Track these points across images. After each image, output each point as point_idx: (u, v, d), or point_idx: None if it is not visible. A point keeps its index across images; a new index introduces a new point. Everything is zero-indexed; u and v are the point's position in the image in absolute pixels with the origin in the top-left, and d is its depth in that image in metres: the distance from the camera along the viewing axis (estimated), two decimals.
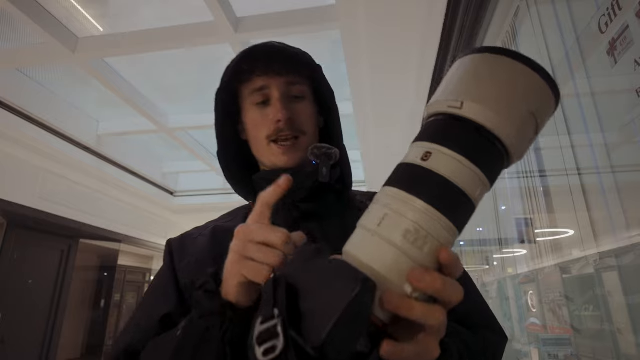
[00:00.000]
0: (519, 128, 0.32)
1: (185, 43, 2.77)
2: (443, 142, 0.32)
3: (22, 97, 3.49)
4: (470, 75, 0.34)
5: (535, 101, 0.32)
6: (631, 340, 1.47)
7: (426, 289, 0.30)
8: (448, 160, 0.32)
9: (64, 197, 4.43)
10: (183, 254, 0.60)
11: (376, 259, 0.31)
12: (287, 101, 0.61)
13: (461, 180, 0.31)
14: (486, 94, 0.32)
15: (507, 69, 0.33)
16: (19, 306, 4.17)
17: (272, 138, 0.60)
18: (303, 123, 0.61)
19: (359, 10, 2.01)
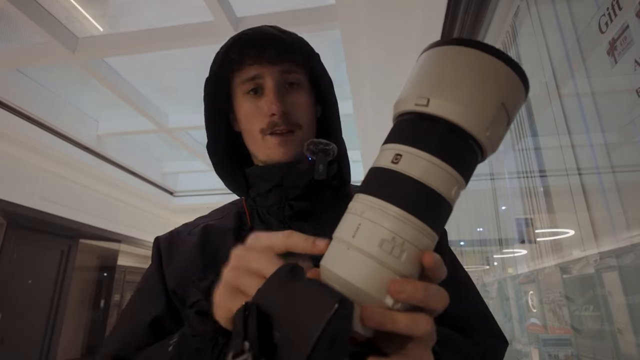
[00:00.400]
0: (490, 121, 0.30)
1: (185, 43, 2.77)
2: (412, 143, 0.31)
3: (22, 97, 3.49)
4: (435, 70, 0.32)
5: (504, 91, 0.31)
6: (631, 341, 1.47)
7: (408, 299, 0.29)
8: (419, 162, 0.30)
9: (63, 197, 4.43)
10: (171, 255, 0.57)
11: (353, 273, 0.30)
12: (281, 91, 0.57)
13: (434, 181, 0.30)
14: (452, 89, 0.30)
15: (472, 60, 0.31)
16: (18, 306, 4.17)
17: (266, 132, 0.57)
18: (299, 116, 0.58)
19: (359, 10, 2.01)
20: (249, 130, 0.58)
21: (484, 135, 0.30)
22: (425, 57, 0.34)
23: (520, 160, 2.13)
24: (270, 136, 0.56)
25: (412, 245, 0.30)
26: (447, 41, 0.32)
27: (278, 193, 0.56)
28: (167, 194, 5.95)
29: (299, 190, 0.56)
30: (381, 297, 0.29)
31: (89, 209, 4.80)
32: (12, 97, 3.40)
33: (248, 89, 0.57)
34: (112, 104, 3.90)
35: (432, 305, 0.30)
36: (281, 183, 0.55)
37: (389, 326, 0.29)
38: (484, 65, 0.31)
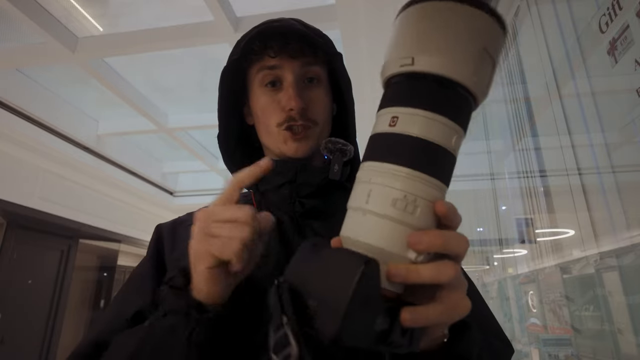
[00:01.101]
0: (475, 67, 0.31)
1: (185, 43, 2.77)
2: (406, 103, 0.32)
3: (21, 97, 3.49)
4: (414, 28, 0.33)
5: (484, 36, 0.32)
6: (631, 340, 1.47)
7: (428, 248, 0.30)
8: (415, 119, 0.31)
9: (63, 197, 4.43)
10: (175, 243, 0.56)
11: (373, 236, 0.31)
12: (300, 86, 0.56)
13: (434, 135, 0.31)
14: (434, 42, 0.31)
15: (447, 12, 0.32)
16: (18, 306, 4.17)
17: (282, 126, 0.55)
18: (316, 112, 0.57)
19: (359, 10, 2.01)
20: (265, 123, 0.57)
21: (472, 81, 0.31)
22: (401, 18, 0.34)
23: (520, 160, 2.13)
24: (286, 131, 0.55)
25: (424, 199, 0.31)
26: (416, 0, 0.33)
27: (289, 189, 0.55)
28: (166, 194, 5.95)
29: (312, 188, 0.55)
30: (403, 253, 0.31)
31: (89, 209, 4.80)
32: (11, 97, 3.40)
33: (266, 80, 0.56)
34: (112, 104, 3.90)
35: (453, 249, 0.31)
36: (294, 179, 0.55)
37: (414, 278, 0.30)
38: (459, 15, 0.31)
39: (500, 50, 0.33)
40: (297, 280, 0.31)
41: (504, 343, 0.55)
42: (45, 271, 4.61)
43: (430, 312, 0.31)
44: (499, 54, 0.33)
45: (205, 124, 4.11)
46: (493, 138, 2.63)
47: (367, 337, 0.29)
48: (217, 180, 5.75)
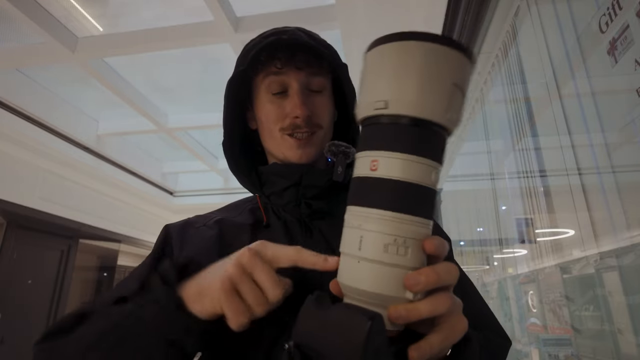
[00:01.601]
0: (448, 104, 0.32)
1: (185, 43, 2.77)
2: (384, 147, 0.33)
3: (21, 97, 3.48)
4: (384, 68, 0.33)
5: (453, 72, 0.32)
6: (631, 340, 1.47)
7: (425, 287, 0.32)
8: (394, 163, 0.32)
9: (63, 197, 4.43)
10: (184, 243, 0.55)
11: (371, 283, 0.32)
12: (305, 94, 0.57)
13: (413, 176, 0.32)
14: (405, 84, 0.32)
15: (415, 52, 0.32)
16: (18, 306, 4.17)
17: (287, 132, 0.57)
18: (320, 117, 0.59)
19: (359, 10, 2.01)
20: (269, 129, 0.59)
21: (446, 118, 0.32)
22: (371, 57, 0.35)
23: (520, 160, 2.13)
24: (290, 137, 0.57)
25: (413, 239, 0.32)
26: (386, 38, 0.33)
27: (295, 191, 0.57)
28: (166, 194, 5.95)
29: (317, 190, 0.57)
30: (401, 294, 0.32)
31: (89, 209, 4.80)
32: (11, 97, 3.40)
33: (272, 88, 0.58)
34: (112, 104, 3.89)
35: (447, 281, 0.33)
36: (300, 182, 0.56)
37: (415, 317, 0.32)
38: (427, 54, 0.32)
39: (469, 80, 0.34)
40: (306, 341, 0.32)
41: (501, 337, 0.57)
42: (45, 271, 4.61)
43: (434, 342, 0.33)
44: (468, 84, 0.34)
45: (205, 124, 4.11)
46: (493, 138, 2.63)
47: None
48: (217, 180, 5.75)
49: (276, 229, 0.56)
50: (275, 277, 0.38)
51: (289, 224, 0.57)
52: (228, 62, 3.21)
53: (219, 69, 3.44)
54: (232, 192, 5.73)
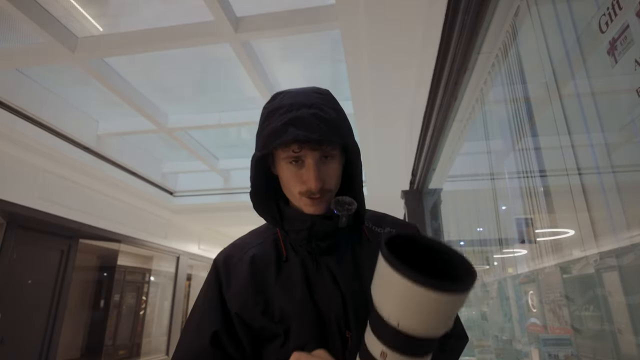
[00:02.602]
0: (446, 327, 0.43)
1: (185, 43, 2.77)
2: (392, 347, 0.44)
3: (22, 97, 3.49)
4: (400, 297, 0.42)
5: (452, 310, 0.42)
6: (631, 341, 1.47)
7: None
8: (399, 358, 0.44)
9: (63, 197, 4.43)
10: (229, 281, 0.71)
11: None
12: (318, 164, 0.67)
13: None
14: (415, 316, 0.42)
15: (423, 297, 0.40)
16: (18, 306, 4.17)
17: (304, 195, 0.69)
18: (331, 183, 0.70)
19: (359, 10, 2.01)
20: (289, 190, 0.71)
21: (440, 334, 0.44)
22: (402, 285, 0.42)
23: (520, 160, 2.13)
24: (306, 198, 0.69)
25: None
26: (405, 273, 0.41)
27: (308, 233, 0.70)
28: (166, 194, 5.95)
29: (325, 234, 0.70)
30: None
31: (89, 209, 4.80)
32: (11, 97, 3.40)
33: (290, 160, 0.68)
34: (112, 104, 3.90)
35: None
36: (312, 227, 0.69)
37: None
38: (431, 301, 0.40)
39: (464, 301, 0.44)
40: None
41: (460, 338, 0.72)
42: (45, 271, 4.61)
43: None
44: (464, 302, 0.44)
45: (205, 124, 4.11)
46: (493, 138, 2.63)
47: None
48: (217, 180, 5.75)
49: (294, 263, 0.71)
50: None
51: (304, 258, 0.71)
52: (228, 62, 3.21)
53: (219, 69, 3.44)
54: (232, 192, 5.73)
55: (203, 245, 8.03)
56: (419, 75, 2.38)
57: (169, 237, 6.77)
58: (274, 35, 2.77)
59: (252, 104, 3.88)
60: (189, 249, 7.50)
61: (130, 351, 7.57)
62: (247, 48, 2.88)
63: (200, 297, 0.72)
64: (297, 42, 3.10)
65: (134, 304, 7.94)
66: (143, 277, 8.18)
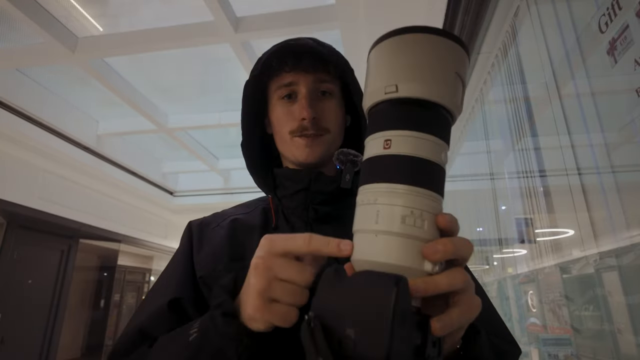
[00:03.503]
0: (451, 89, 0.35)
1: (185, 43, 2.77)
2: (396, 126, 0.35)
3: (22, 97, 3.49)
4: (393, 59, 0.36)
5: (455, 62, 0.35)
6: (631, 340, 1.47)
7: (444, 257, 0.32)
8: (407, 140, 0.34)
9: (64, 197, 4.43)
10: (201, 243, 0.61)
11: (389, 254, 0.32)
12: (314, 98, 0.61)
13: (425, 152, 0.34)
14: (414, 70, 0.35)
15: (422, 42, 0.35)
16: (18, 306, 4.17)
17: (295, 134, 0.61)
18: (328, 121, 0.61)
19: (359, 10, 2.01)
20: (280, 132, 0.62)
21: (450, 102, 0.35)
22: (377, 50, 0.37)
23: (520, 160, 2.13)
24: (299, 137, 0.60)
25: (428, 212, 0.33)
26: (392, 33, 0.36)
27: (304, 196, 0.60)
28: (167, 193, 5.95)
29: (324, 196, 0.60)
30: (420, 266, 0.32)
31: (89, 209, 4.80)
32: (12, 97, 3.40)
33: (283, 94, 0.62)
34: (112, 104, 3.90)
35: (463, 253, 0.34)
36: (308, 187, 0.60)
37: (433, 290, 0.32)
38: (433, 45, 0.35)
39: (467, 72, 0.37)
40: (327, 312, 0.31)
41: (510, 344, 0.57)
42: (45, 271, 4.61)
43: (454, 316, 0.33)
44: (466, 76, 0.38)
45: (205, 123, 4.11)
46: (493, 138, 2.63)
47: (408, 354, 0.29)
48: (217, 180, 5.74)
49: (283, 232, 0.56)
50: (295, 266, 0.37)
51: (297, 228, 0.60)
52: (228, 62, 3.21)
53: (219, 69, 3.44)
54: (232, 192, 5.73)
55: None
56: None
57: (169, 237, 6.77)
58: (274, 35, 2.77)
59: None
60: None
61: None
62: (247, 48, 2.88)
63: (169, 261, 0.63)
64: None
65: (134, 304, 7.94)
66: (143, 277, 8.18)
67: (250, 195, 0.75)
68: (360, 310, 0.30)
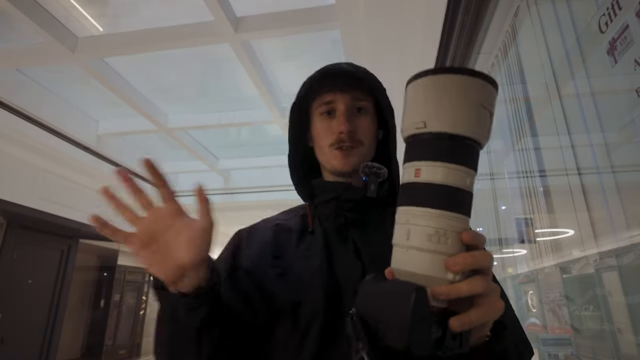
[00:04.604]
0: (476, 121, 0.40)
1: (185, 43, 2.77)
2: (425, 157, 0.41)
3: (22, 97, 3.49)
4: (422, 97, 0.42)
5: (479, 96, 0.40)
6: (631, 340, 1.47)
7: (463, 268, 0.39)
8: (434, 170, 0.40)
9: (63, 197, 4.43)
10: (250, 244, 0.71)
11: (418, 266, 0.40)
12: (350, 114, 0.69)
13: (451, 180, 0.40)
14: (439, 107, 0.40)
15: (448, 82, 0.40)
16: (18, 306, 4.17)
17: (334, 146, 0.69)
18: (362, 134, 0.69)
19: (359, 10, 2.01)
20: (320, 144, 0.71)
21: (475, 133, 0.40)
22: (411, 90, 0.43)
23: (520, 160, 2.13)
24: (336, 149, 0.69)
25: (452, 231, 0.40)
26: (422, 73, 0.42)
27: (335, 204, 0.69)
28: None
29: (352, 204, 0.68)
30: (443, 275, 0.39)
31: (89, 209, 4.79)
32: (12, 97, 3.40)
33: (323, 111, 0.70)
34: (112, 104, 3.90)
35: (481, 264, 0.40)
36: (339, 196, 0.68)
37: (455, 294, 0.39)
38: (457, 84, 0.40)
39: (494, 102, 0.42)
40: (366, 309, 0.41)
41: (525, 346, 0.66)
42: (45, 271, 4.61)
43: (472, 316, 0.40)
44: (493, 104, 0.42)
45: (205, 124, 4.11)
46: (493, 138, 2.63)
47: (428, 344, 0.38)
48: (217, 180, 5.74)
49: (317, 235, 0.69)
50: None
51: (329, 232, 0.69)
52: (228, 62, 3.21)
53: (219, 69, 3.44)
54: (232, 192, 5.73)
55: None
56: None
57: None
58: (274, 35, 2.77)
59: (252, 104, 3.88)
60: None
61: (130, 351, 7.57)
62: (247, 48, 2.88)
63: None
64: (297, 42, 3.10)
65: (134, 304, 7.95)
66: (143, 277, 8.18)
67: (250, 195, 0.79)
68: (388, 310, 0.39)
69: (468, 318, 0.39)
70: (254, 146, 5.21)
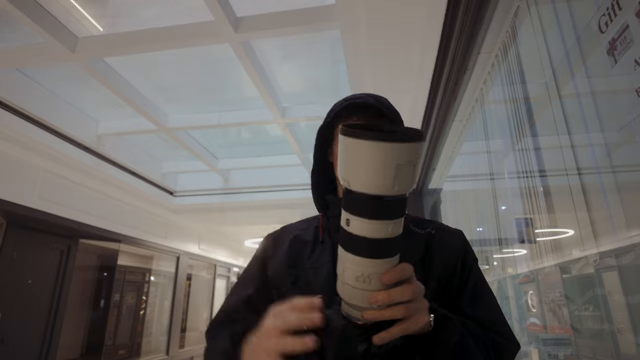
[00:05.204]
0: (389, 182, 0.43)
1: (185, 43, 2.77)
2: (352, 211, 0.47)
3: (22, 97, 3.48)
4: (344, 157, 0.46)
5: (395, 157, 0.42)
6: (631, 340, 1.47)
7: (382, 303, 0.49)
8: (360, 224, 0.46)
9: (63, 197, 4.43)
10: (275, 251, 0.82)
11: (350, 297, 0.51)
12: None
13: (372, 233, 0.46)
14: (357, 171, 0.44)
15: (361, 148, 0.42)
16: (18, 306, 4.17)
17: None
18: None
19: (359, 10, 2.01)
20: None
21: (394, 191, 0.44)
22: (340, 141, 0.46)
23: (520, 160, 2.13)
24: None
25: (375, 273, 0.49)
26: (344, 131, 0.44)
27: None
28: (166, 194, 5.95)
29: None
30: (369, 306, 0.50)
31: (89, 209, 4.80)
32: (12, 97, 3.39)
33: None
34: (112, 104, 3.90)
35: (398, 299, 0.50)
36: None
37: (379, 317, 0.50)
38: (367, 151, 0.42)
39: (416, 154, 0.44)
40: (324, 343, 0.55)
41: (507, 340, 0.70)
42: (45, 271, 4.61)
43: (394, 332, 0.51)
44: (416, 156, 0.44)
45: (205, 124, 4.11)
46: (493, 138, 2.63)
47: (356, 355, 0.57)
48: (217, 180, 5.74)
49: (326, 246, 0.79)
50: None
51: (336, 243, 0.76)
52: (228, 62, 3.21)
53: (219, 69, 3.44)
54: (232, 192, 5.73)
55: (203, 245, 8.02)
56: (419, 74, 2.38)
57: (169, 237, 6.77)
58: (274, 35, 2.77)
59: (252, 104, 3.87)
60: (189, 249, 7.50)
61: (130, 351, 7.57)
62: (247, 48, 2.88)
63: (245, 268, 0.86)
64: (297, 42, 3.10)
65: (134, 304, 7.94)
66: (143, 277, 8.17)
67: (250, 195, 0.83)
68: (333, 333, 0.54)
69: (389, 334, 0.50)
70: (254, 146, 5.21)
